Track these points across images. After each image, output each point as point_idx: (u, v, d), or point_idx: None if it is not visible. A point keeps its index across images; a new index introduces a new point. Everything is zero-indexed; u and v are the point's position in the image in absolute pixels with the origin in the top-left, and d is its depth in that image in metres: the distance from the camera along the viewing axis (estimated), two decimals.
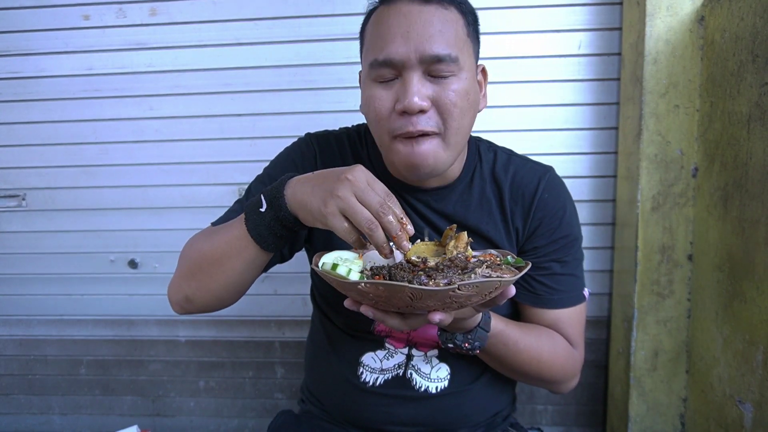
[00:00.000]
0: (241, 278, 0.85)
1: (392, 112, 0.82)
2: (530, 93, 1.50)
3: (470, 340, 0.86)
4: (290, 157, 1.01)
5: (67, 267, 1.70)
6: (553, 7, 1.46)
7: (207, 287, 0.85)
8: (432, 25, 0.79)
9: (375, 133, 0.87)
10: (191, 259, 0.87)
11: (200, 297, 0.87)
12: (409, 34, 0.78)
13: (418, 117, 0.80)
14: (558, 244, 0.97)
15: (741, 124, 1.11)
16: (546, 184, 0.98)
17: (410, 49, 0.78)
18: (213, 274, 0.84)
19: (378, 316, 0.71)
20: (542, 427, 1.51)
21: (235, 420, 1.75)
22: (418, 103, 0.78)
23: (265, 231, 0.78)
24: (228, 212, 0.98)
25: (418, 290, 0.64)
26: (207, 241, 0.86)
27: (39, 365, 1.76)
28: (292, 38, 1.53)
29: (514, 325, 0.92)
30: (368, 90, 0.84)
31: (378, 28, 0.81)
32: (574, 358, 1.00)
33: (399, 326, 0.73)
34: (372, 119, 0.85)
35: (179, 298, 0.88)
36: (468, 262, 0.73)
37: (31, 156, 1.64)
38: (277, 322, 1.68)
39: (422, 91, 0.79)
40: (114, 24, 1.56)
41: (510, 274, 0.72)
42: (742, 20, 1.11)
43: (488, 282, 0.66)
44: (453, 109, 0.81)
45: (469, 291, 0.66)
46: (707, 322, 1.26)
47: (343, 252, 0.80)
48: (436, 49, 0.78)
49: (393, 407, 0.99)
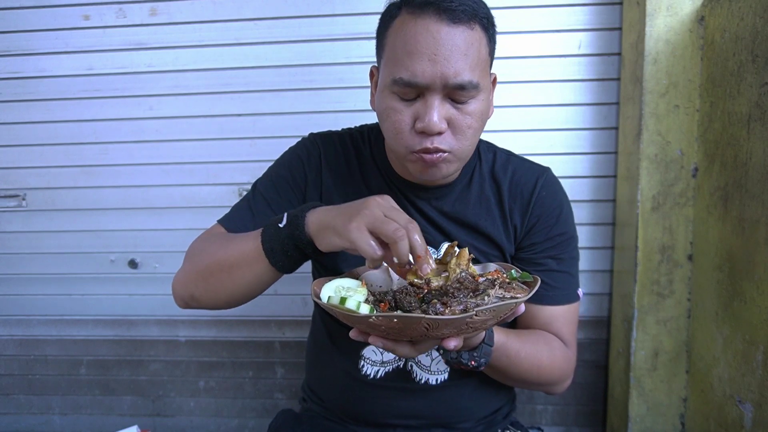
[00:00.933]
0: (249, 289, 0.87)
1: (411, 128, 0.83)
2: (530, 93, 1.50)
3: (476, 357, 0.86)
4: (296, 155, 1.02)
5: (67, 267, 1.70)
6: (553, 7, 1.46)
7: (215, 291, 0.87)
8: (459, 49, 0.79)
9: (390, 141, 0.88)
10: (203, 261, 0.88)
11: (207, 299, 0.89)
12: (436, 57, 0.78)
13: (435, 136, 0.82)
14: (554, 241, 1.00)
15: (741, 124, 1.11)
16: (544, 182, 1.00)
17: (436, 73, 0.78)
18: (223, 281, 0.85)
19: (388, 346, 0.71)
20: (542, 427, 1.51)
21: (235, 420, 1.75)
22: (438, 126, 0.80)
23: (278, 246, 0.78)
24: (236, 209, 0.99)
25: (435, 320, 0.62)
26: (222, 247, 0.87)
27: (39, 365, 1.76)
28: (292, 38, 1.53)
29: (513, 335, 0.93)
30: (387, 101, 0.84)
31: (404, 42, 0.80)
32: (569, 358, 1.02)
33: (409, 354, 0.73)
34: (389, 129, 0.86)
35: (185, 295, 0.90)
36: (477, 282, 0.72)
37: (31, 156, 1.64)
38: (277, 322, 1.68)
39: (441, 114, 0.81)
40: (114, 24, 1.56)
41: (522, 292, 0.70)
42: (742, 20, 1.11)
43: (504, 305, 0.65)
44: (467, 131, 0.84)
45: (486, 316, 0.64)
46: (707, 322, 1.26)
47: (344, 280, 0.78)
48: (461, 78, 0.79)
49: (394, 399, 1.00)
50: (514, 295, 0.69)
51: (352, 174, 1.01)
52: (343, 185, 1.00)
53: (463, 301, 0.66)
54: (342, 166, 1.01)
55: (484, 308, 0.63)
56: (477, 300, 0.67)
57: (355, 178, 1.01)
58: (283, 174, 1.00)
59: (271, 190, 0.99)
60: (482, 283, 0.72)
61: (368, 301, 0.74)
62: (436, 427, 1.02)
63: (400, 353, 0.72)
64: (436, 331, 0.65)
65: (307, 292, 1.63)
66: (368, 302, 0.73)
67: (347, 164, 1.01)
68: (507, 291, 0.70)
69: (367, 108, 1.53)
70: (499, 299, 0.68)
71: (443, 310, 0.65)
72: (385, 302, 0.73)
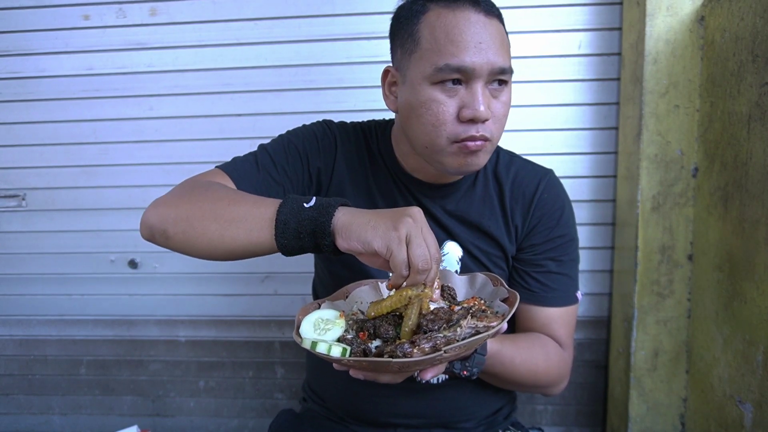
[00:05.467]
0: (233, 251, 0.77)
1: (455, 118, 0.83)
2: (530, 93, 1.50)
3: (468, 367, 0.86)
4: (312, 132, 1.00)
5: (67, 267, 1.70)
6: (553, 7, 1.46)
7: (196, 238, 0.77)
8: (497, 38, 0.83)
9: (426, 135, 0.85)
10: (199, 204, 0.79)
11: (181, 242, 0.79)
12: (482, 45, 0.81)
13: (481, 124, 0.83)
14: (555, 243, 1.00)
15: (741, 124, 1.11)
16: (546, 184, 1.01)
17: (483, 60, 0.81)
18: (211, 232, 0.76)
19: (369, 377, 0.73)
20: (542, 427, 1.51)
21: (235, 420, 1.75)
22: (487, 113, 0.82)
23: (293, 225, 0.71)
24: (240, 160, 0.93)
25: (405, 363, 0.62)
26: (228, 198, 0.78)
27: (39, 365, 1.76)
28: (292, 38, 1.53)
29: (508, 341, 0.93)
30: (427, 93, 0.83)
31: (445, 32, 0.82)
32: (566, 360, 1.02)
33: (392, 381, 0.74)
34: (429, 122, 0.84)
35: (157, 227, 0.80)
36: (452, 312, 0.72)
37: (31, 156, 1.64)
38: (277, 322, 1.68)
39: (486, 101, 0.83)
40: (114, 24, 1.56)
41: (496, 320, 0.70)
42: (742, 20, 1.11)
43: (474, 341, 0.64)
44: (502, 119, 0.87)
45: (456, 351, 0.64)
46: (707, 322, 1.26)
47: (324, 311, 0.79)
48: (503, 62, 0.83)
49: (395, 399, 1.01)
50: (487, 324, 0.69)
51: (363, 166, 1.01)
52: (354, 175, 1.00)
53: (433, 337, 0.66)
54: (353, 156, 1.01)
55: (454, 346, 0.63)
56: (448, 333, 0.66)
57: (365, 171, 1.01)
58: (295, 142, 0.97)
59: (279, 152, 0.95)
60: (456, 312, 0.72)
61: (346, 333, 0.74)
62: (437, 426, 1.03)
63: (383, 381, 0.73)
64: (408, 369, 0.66)
65: (307, 292, 1.63)
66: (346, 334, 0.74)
67: (358, 156, 1.01)
68: (480, 320, 0.69)
69: (367, 108, 1.55)
70: (472, 329, 0.67)
71: (411, 350, 0.64)
72: (364, 331, 0.74)
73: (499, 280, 0.82)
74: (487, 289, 0.83)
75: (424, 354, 0.63)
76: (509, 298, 0.76)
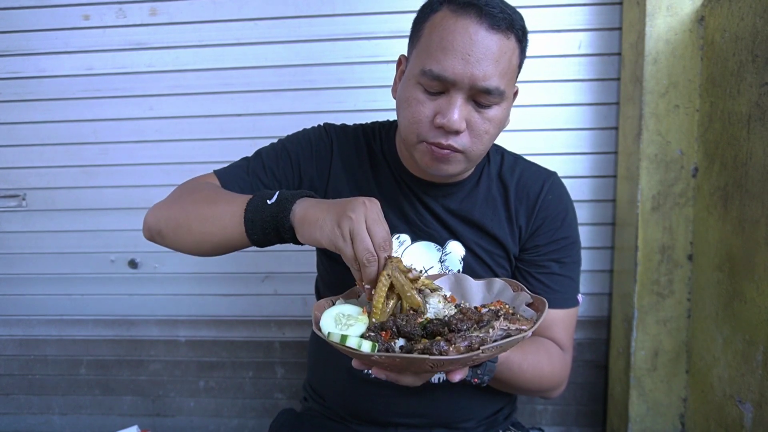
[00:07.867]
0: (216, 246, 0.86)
1: (430, 122, 0.83)
2: (530, 93, 1.50)
3: (479, 375, 0.87)
4: (307, 137, 1.03)
5: (67, 267, 1.70)
6: (553, 7, 1.46)
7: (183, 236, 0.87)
8: (492, 54, 0.80)
9: (403, 129, 0.88)
10: (184, 205, 0.88)
11: (173, 240, 0.89)
12: (469, 58, 0.79)
13: (452, 134, 0.83)
14: (558, 244, 1.01)
15: (741, 124, 1.11)
16: (550, 186, 1.02)
17: (465, 73, 0.79)
18: (194, 230, 0.85)
19: (391, 377, 0.72)
20: (542, 427, 1.51)
21: (235, 420, 1.75)
22: (458, 125, 0.81)
23: (258, 221, 0.78)
24: (234, 166, 1.00)
25: (440, 360, 0.61)
26: (207, 198, 0.87)
27: (39, 365, 1.76)
28: (292, 38, 1.53)
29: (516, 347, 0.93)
30: (411, 91, 0.85)
31: (440, 37, 0.81)
32: (567, 364, 1.03)
33: (413, 383, 0.73)
34: (406, 117, 0.86)
35: (154, 227, 0.90)
36: (480, 313, 0.71)
37: (31, 156, 1.64)
38: (277, 322, 1.68)
39: (463, 114, 0.82)
40: (114, 24, 1.56)
41: (527, 323, 0.69)
42: (742, 20, 1.11)
43: (510, 341, 0.64)
44: (484, 136, 0.85)
45: (492, 351, 0.63)
46: (707, 322, 1.26)
47: (344, 306, 0.76)
48: (488, 82, 0.80)
49: (396, 398, 1.01)
50: (519, 327, 0.68)
51: (363, 167, 1.01)
52: (353, 178, 1.01)
53: (467, 336, 0.64)
54: (353, 158, 1.02)
55: (489, 346, 0.62)
56: (481, 333, 0.65)
57: (365, 172, 1.01)
58: (289, 148, 1.01)
59: (272, 157, 1.00)
60: (486, 314, 0.71)
61: (369, 330, 0.71)
62: (438, 426, 1.03)
63: (404, 383, 0.72)
64: (441, 368, 0.65)
65: (307, 292, 1.63)
66: (370, 331, 0.70)
67: (358, 157, 1.02)
68: (512, 323, 0.68)
69: (367, 108, 1.55)
70: (504, 331, 0.66)
71: (447, 348, 0.62)
72: (386, 330, 0.71)
73: (519, 286, 0.81)
74: (507, 294, 0.82)
75: (460, 353, 0.62)
76: (534, 303, 0.75)
